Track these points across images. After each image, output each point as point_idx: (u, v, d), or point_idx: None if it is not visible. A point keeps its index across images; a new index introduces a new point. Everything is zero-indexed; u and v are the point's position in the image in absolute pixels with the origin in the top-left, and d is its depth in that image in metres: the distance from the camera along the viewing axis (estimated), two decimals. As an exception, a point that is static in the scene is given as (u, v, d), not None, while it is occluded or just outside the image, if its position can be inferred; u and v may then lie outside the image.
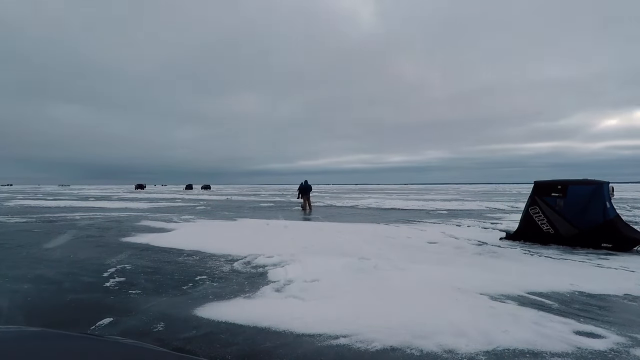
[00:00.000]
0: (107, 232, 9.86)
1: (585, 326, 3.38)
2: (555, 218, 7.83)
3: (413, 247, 7.66)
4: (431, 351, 2.88)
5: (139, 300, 4.12)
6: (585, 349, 2.91)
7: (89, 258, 6.44)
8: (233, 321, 3.48)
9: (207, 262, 6.11)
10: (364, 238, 8.65)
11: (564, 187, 7.81)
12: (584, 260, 6.48)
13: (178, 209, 19.46)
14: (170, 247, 7.43)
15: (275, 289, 4.50)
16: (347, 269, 5.35)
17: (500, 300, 4.13)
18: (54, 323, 3.48)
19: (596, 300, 4.26)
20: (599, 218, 7.41)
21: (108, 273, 5.34)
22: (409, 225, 11.83)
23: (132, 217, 14.46)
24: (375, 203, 24.46)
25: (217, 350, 2.91)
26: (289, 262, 5.82)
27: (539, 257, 6.71)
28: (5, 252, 7.06)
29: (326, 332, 3.19)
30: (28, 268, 5.66)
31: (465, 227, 11.15)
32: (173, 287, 4.67)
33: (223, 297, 4.22)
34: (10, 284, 4.79)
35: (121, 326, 3.38)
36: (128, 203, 24.49)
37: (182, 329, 3.33)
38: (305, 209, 18.41)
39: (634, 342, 3.08)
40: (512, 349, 2.90)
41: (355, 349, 2.92)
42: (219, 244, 7.63)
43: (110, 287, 4.67)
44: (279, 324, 3.38)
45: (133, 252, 7.00)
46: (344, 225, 11.64)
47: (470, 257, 6.65)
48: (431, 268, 5.61)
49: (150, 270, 5.57)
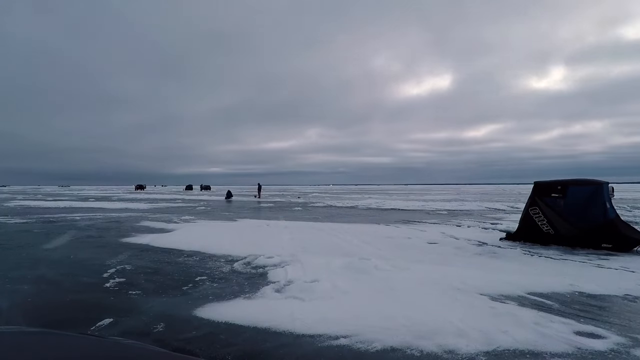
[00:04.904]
0: (107, 233, 9.86)
1: (585, 326, 3.38)
2: (555, 218, 7.83)
3: (413, 247, 7.66)
4: (431, 351, 2.88)
5: (139, 301, 4.12)
6: (586, 349, 2.91)
7: (89, 258, 6.45)
8: (233, 321, 3.48)
9: (207, 263, 6.11)
10: (364, 238, 8.65)
11: (563, 188, 7.81)
12: (584, 260, 6.48)
13: (178, 209, 19.46)
14: (170, 248, 7.43)
15: (276, 289, 4.50)
16: (347, 270, 5.36)
17: (501, 300, 4.13)
18: (54, 323, 3.49)
19: (596, 300, 4.26)
20: (599, 218, 7.41)
21: (108, 273, 5.34)
22: (409, 225, 11.84)
23: (132, 217, 14.46)
24: (375, 203, 24.49)
25: (217, 350, 2.91)
26: (289, 263, 5.82)
27: (539, 258, 6.71)
28: (5, 253, 7.06)
29: (326, 333, 3.20)
30: (28, 268, 5.66)
31: (465, 228, 11.15)
32: (173, 287, 4.67)
33: (223, 298, 4.22)
34: (10, 284, 4.80)
35: (121, 326, 3.38)
36: (128, 203, 24.51)
37: (182, 329, 3.33)
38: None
39: (635, 342, 3.08)
40: (512, 349, 2.90)
41: (356, 350, 2.92)
42: (219, 244, 7.63)
43: (110, 287, 4.67)
44: (279, 324, 3.39)
45: (133, 252, 7.00)
46: (344, 225, 11.64)
47: (470, 257, 6.65)
48: (431, 268, 5.62)
49: (151, 270, 5.57)
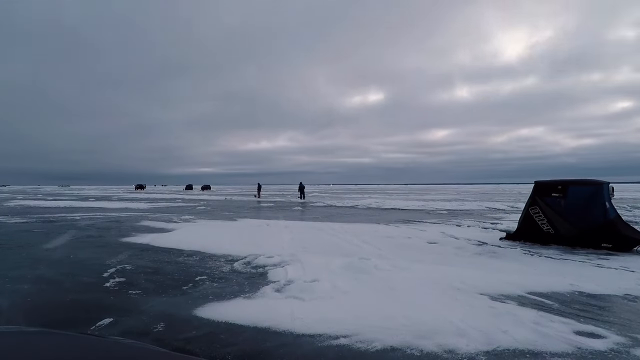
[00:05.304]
0: (107, 233, 9.86)
1: (585, 326, 3.39)
2: (555, 218, 7.83)
3: (413, 247, 7.66)
4: (431, 351, 2.88)
5: (139, 301, 4.12)
6: (586, 349, 2.91)
7: (89, 258, 6.45)
8: (233, 321, 3.48)
9: (207, 262, 6.11)
10: (364, 238, 8.66)
11: (564, 188, 7.81)
12: (584, 260, 6.49)
13: (178, 209, 19.47)
14: (171, 247, 7.44)
15: (276, 289, 4.50)
16: (347, 269, 5.36)
17: (501, 300, 4.13)
18: (54, 323, 3.49)
19: (596, 300, 4.26)
20: (599, 218, 7.41)
21: (108, 273, 5.34)
22: (408, 225, 11.84)
23: (132, 217, 14.47)
24: (375, 203, 24.49)
25: (217, 350, 2.91)
26: (289, 262, 5.82)
27: (539, 257, 6.71)
28: (5, 252, 7.06)
29: (326, 332, 3.20)
30: (28, 268, 5.66)
31: (465, 227, 11.15)
32: (173, 287, 4.68)
33: (223, 297, 4.23)
34: (10, 284, 4.80)
35: (121, 326, 3.38)
36: (128, 203, 24.52)
37: (182, 329, 3.34)
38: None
39: (634, 342, 3.08)
40: (512, 349, 2.90)
41: (356, 349, 2.92)
42: (219, 244, 7.64)
43: (111, 287, 4.67)
44: (279, 324, 3.39)
45: (133, 252, 7.01)
46: (344, 225, 11.64)
47: (470, 257, 6.65)
48: (431, 268, 5.62)
49: (151, 270, 5.57)
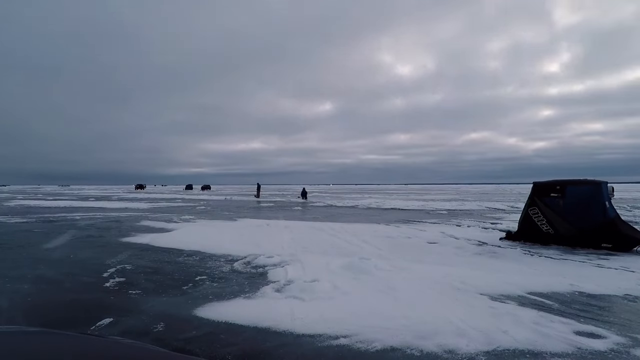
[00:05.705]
0: (107, 232, 9.86)
1: (585, 326, 3.39)
2: (554, 218, 7.83)
3: (413, 247, 7.66)
4: (431, 351, 2.88)
5: (139, 300, 4.13)
6: (586, 349, 2.91)
7: (89, 258, 6.45)
8: (233, 321, 3.48)
9: (207, 262, 6.11)
10: (364, 238, 8.66)
11: (562, 188, 7.81)
12: (584, 260, 6.49)
13: (178, 209, 19.47)
14: (171, 247, 7.44)
15: (276, 289, 4.50)
16: (347, 269, 5.36)
17: (501, 300, 4.13)
18: (54, 323, 3.49)
19: (596, 300, 4.26)
20: (599, 218, 7.41)
21: (108, 273, 5.34)
22: (408, 225, 11.84)
23: (132, 217, 14.47)
24: (376, 203, 24.50)
25: (217, 350, 2.91)
26: (289, 262, 5.82)
27: (539, 257, 6.71)
28: (5, 252, 7.06)
29: (326, 333, 3.20)
30: (28, 268, 5.66)
31: (465, 227, 11.15)
32: (173, 287, 4.68)
33: (223, 297, 4.23)
34: (10, 284, 4.80)
35: (121, 326, 3.38)
36: (128, 203, 24.52)
37: (182, 329, 3.34)
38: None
39: (634, 342, 3.08)
40: (512, 349, 2.90)
41: (356, 349, 2.92)
42: (219, 244, 7.64)
43: (111, 287, 4.67)
44: (279, 324, 3.39)
45: (133, 252, 7.01)
46: (344, 225, 11.64)
47: (470, 257, 6.65)
48: (431, 268, 5.62)
49: (151, 270, 5.57)
